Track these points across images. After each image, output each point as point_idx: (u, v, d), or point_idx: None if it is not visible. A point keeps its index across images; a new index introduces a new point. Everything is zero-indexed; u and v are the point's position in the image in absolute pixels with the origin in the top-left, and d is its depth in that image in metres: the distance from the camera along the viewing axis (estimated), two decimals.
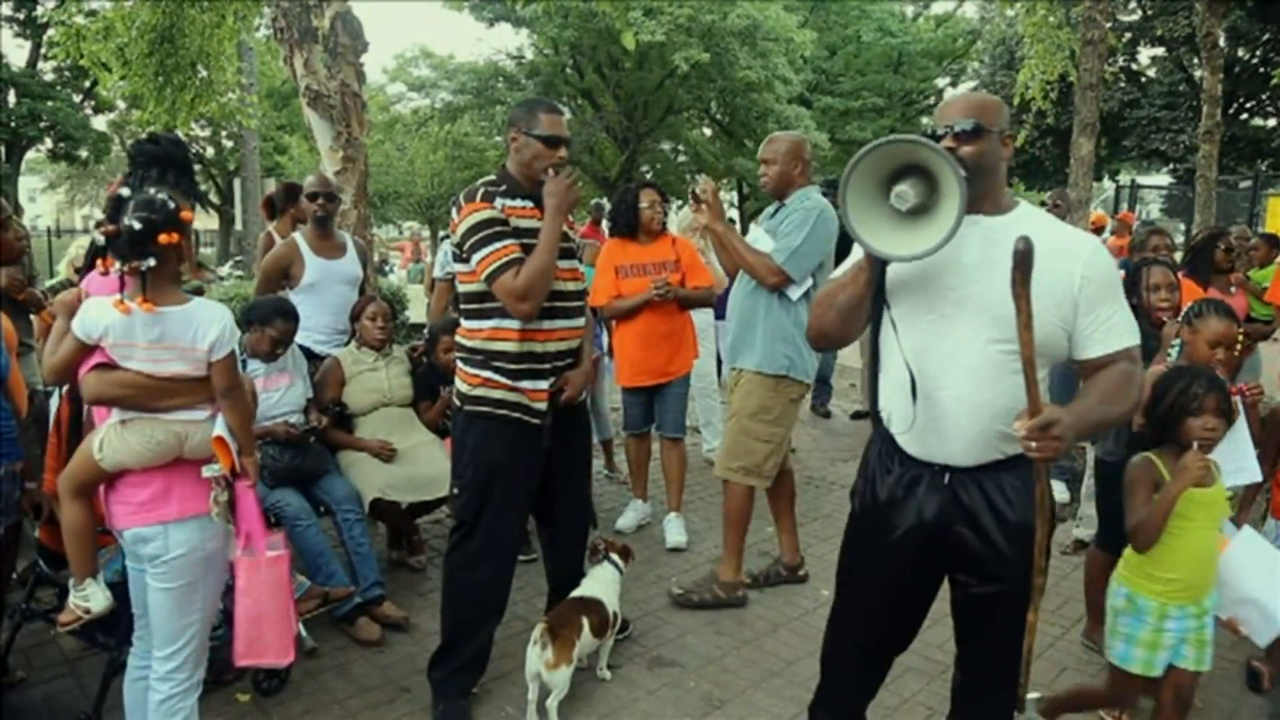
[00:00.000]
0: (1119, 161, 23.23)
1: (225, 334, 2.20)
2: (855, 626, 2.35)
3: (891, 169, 1.85)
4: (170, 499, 2.21)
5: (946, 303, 2.00)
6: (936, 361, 2.02)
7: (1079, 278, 1.95)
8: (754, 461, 3.78)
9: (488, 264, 2.78)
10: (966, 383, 1.99)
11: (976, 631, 2.22)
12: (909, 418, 2.05)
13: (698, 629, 3.70)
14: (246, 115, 11.94)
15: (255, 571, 2.31)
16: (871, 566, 2.26)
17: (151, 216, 2.08)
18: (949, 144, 1.96)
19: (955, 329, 2.00)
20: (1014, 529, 2.04)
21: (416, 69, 23.24)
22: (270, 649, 2.36)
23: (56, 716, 3.00)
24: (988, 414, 1.99)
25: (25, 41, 23.77)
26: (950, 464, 2.08)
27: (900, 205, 1.82)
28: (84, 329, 2.14)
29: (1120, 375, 1.95)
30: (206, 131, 25.81)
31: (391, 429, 4.02)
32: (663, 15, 17.25)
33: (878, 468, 2.22)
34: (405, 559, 4.29)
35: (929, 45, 26.24)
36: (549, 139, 2.88)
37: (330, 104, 5.87)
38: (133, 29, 8.70)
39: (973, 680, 2.27)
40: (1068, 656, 3.56)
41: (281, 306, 3.76)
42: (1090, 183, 8.29)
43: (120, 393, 2.17)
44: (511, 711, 3.08)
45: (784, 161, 3.72)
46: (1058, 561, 4.52)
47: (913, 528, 2.13)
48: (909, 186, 1.82)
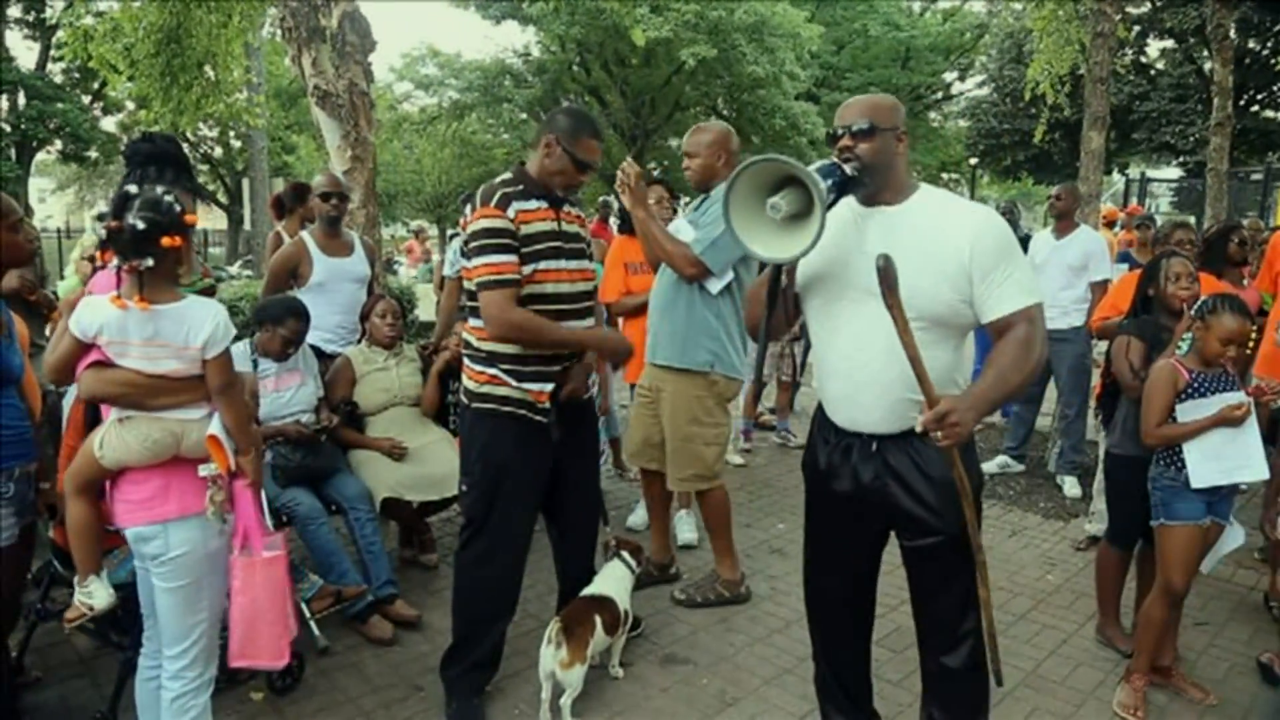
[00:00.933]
0: (1128, 155, 23.11)
1: (218, 332, 2.19)
2: (824, 585, 2.56)
3: (773, 181, 2.02)
4: (169, 497, 2.21)
5: (855, 289, 2.20)
6: (851, 342, 2.24)
7: (968, 250, 2.11)
8: (704, 466, 3.74)
9: (483, 273, 2.79)
10: (879, 360, 2.16)
11: (922, 582, 2.40)
12: (836, 394, 2.32)
13: (709, 626, 3.70)
14: (254, 115, 11.96)
15: (251, 572, 2.29)
16: (822, 530, 2.51)
17: (156, 218, 2.08)
18: (846, 142, 2.19)
19: (864, 312, 2.17)
20: (939, 485, 2.23)
21: (424, 67, 23.25)
22: (265, 651, 2.34)
23: (72, 716, 3.01)
24: (899, 386, 2.16)
25: (34, 44, 23.92)
26: (875, 433, 2.27)
27: (774, 215, 1.99)
28: (80, 327, 2.15)
29: (1016, 343, 2.09)
30: (215, 131, 25.86)
31: (402, 428, 4.02)
32: (670, 11, 17.22)
33: (819, 439, 2.45)
34: (417, 557, 4.29)
35: (936, 40, 26.15)
36: (582, 164, 2.89)
37: (338, 103, 5.89)
38: (139, 29, 8.72)
39: (928, 626, 2.44)
40: (1082, 652, 3.54)
41: (293, 306, 3.76)
42: (1100, 176, 8.23)
43: (115, 390, 2.18)
44: (524, 709, 3.08)
45: (707, 154, 3.66)
46: (1070, 557, 4.51)
47: (851, 491, 2.34)
48: (782, 198, 1.98)
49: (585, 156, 2.89)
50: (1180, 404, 3.03)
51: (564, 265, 2.92)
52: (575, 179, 2.91)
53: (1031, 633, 3.69)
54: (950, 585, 2.32)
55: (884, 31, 24.70)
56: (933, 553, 2.30)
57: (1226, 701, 3.18)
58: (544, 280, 2.86)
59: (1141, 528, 3.30)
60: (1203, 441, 2.99)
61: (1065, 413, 5.60)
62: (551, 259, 2.88)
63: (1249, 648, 3.58)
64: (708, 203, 3.65)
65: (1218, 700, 3.17)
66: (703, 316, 3.61)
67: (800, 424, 7.01)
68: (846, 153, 2.19)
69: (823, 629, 2.61)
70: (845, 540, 2.45)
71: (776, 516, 5.03)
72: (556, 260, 2.89)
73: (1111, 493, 3.56)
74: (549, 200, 2.92)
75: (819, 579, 2.57)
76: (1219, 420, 2.95)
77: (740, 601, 3.92)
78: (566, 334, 2.91)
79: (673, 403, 3.69)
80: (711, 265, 3.52)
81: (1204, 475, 2.99)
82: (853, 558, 2.46)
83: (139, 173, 2.51)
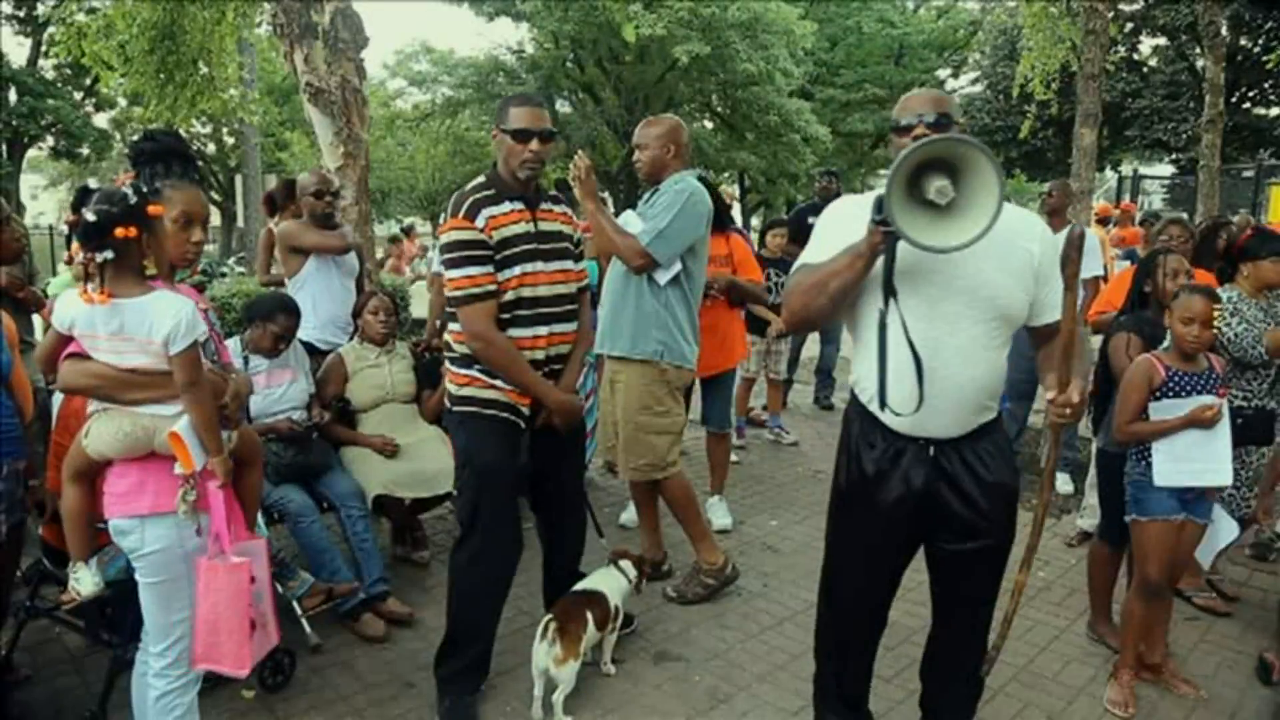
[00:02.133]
0: (1121, 152, 23.17)
1: (181, 327, 2.13)
2: (848, 592, 2.47)
3: (915, 167, 1.89)
4: (145, 493, 2.20)
5: (934, 287, 2.10)
6: (928, 344, 2.10)
7: (1037, 251, 2.15)
8: (657, 455, 3.73)
9: (459, 287, 2.80)
10: (955, 362, 2.10)
11: (954, 588, 2.37)
12: (914, 400, 2.11)
13: (702, 623, 3.70)
14: (248, 112, 11.92)
15: (214, 576, 2.23)
16: (860, 537, 2.38)
17: (109, 209, 2.06)
18: (921, 131, 2.10)
19: (942, 311, 2.11)
20: (990, 488, 2.22)
21: (417, 64, 23.22)
22: (227, 657, 2.27)
23: (62, 714, 3.00)
24: (971, 389, 2.15)
25: (26, 39, 23.80)
26: (934, 437, 2.20)
27: (941, 200, 1.88)
28: (58, 319, 2.17)
29: (1079, 342, 2.11)
30: (208, 129, 25.81)
31: (394, 425, 4.01)
32: (663, 8, 17.19)
33: (860, 444, 2.32)
34: (409, 555, 4.28)
35: (930, 36, 26.20)
36: (516, 132, 2.85)
37: (331, 100, 5.86)
38: (133, 26, 8.67)
39: (947, 636, 2.44)
40: (1073, 649, 3.55)
41: (283, 302, 3.76)
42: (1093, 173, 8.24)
43: (88, 382, 2.18)
44: (517, 706, 3.07)
45: (656, 145, 3.67)
46: (1062, 553, 4.52)
47: (901, 497, 2.24)
48: (946, 182, 1.87)
49: (516, 124, 2.85)
50: (1155, 402, 3.04)
51: (542, 268, 2.91)
52: (523, 152, 2.85)
53: (1023, 629, 3.70)
54: (985, 590, 2.34)
55: (877, 28, 24.74)
56: (976, 557, 2.27)
57: (1215, 697, 3.20)
58: (522, 285, 2.86)
59: None
60: (1172, 441, 3.00)
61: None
62: (528, 261, 2.87)
63: (1239, 644, 3.59)
64: (656, 195, 3.66)
65: (1207, 696, 3.18)
66: (651, 307, 3.61)
67: (791, 420, 7.02)
68: None
69: (843, 635, 2.55)
70: (883, 546, 2.36)
71: (769, 513, 5.03)
72: (533, 263, 2.88)
73: (1104, 490, 3.56)
74: (524, 201, 2.90)
75: (849, 586, 2.47)
76: (1189, 421, 2.96)
77: (729, 582, 3.92)
78: (532, 381, 2.88)
79: (625, 392, 3.70)
80: (658, 256, 3.52)
81: (1168, 475, 3.00)
82: (888, 564, 2.40)
83: (148, 171, 2.51)
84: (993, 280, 2.07)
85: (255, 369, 3.64)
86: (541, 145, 2.87)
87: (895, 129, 2.21)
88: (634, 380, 3.68)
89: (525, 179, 2.90)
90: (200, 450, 2.19)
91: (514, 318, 2.85)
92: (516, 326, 2.87)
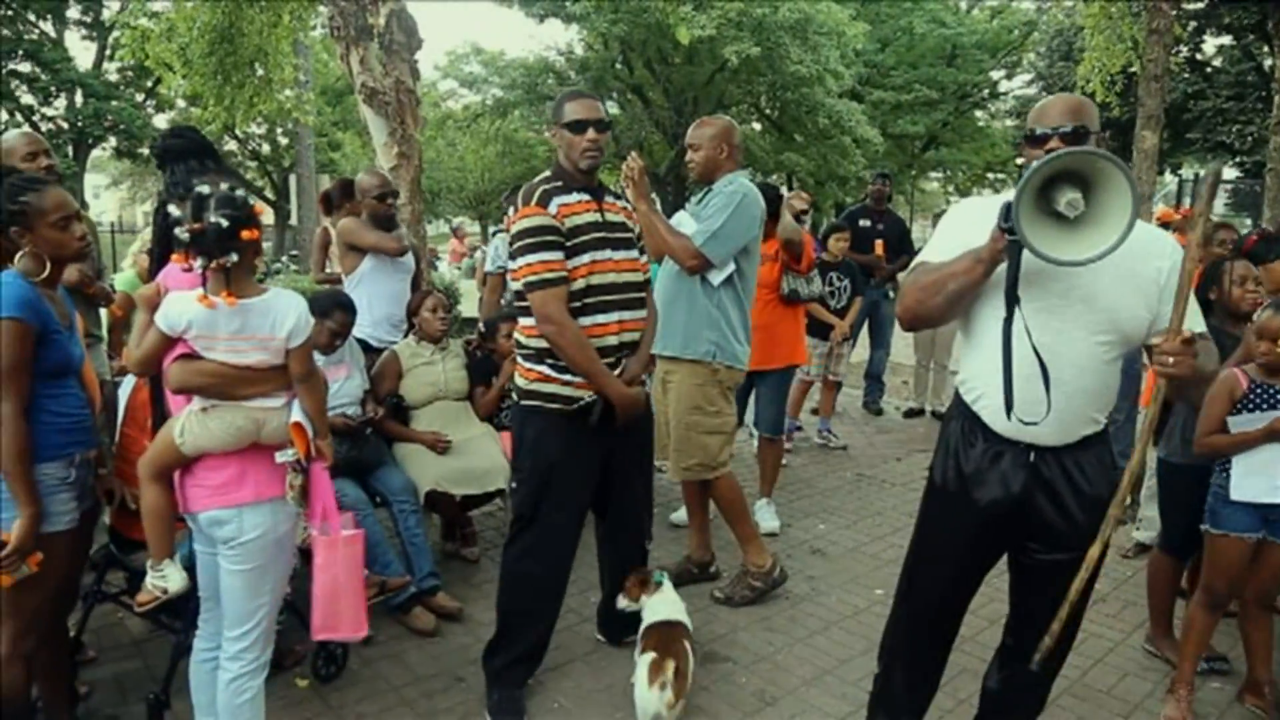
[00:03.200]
0: (1182, 154, 22.60)
1: (301, 322, 2.27)
2: (929, 593, 2.45)
3: (1049, 178, 1.90)
4: (245, 482, 2.28)
5: (1052, 296, 2.09)
6: (1042, 350, 2.10)
7: (1165, 271, 2.08)
8: (708, 455, 3.73)
9: (529, 273, 2.82)
10: (1068, 371, 2.08)
11: (1038, 597, 2.32)
12: (1042, 406, 2.10)
13: (749, 625, 3.69)
14: (303, 112, 12.15)
15: (333, 549, 2.39)
16: (950, 536, 2.37)
17: (236, 214, 2.15)
18: (1054, 144, 2.06)
19: (1059, 322, 2.10)
20: (1088, 501, 2.19)
21: (468, 65, 23.45)
22: (345, 623, 2.45)
23: (126, 695, 3.09)
24: (1081, 400, 2.13)
25: (91, 44, 24.49)
26: (1037, 444, 2.18)
27: (1071, 213, 1.87)
28: (168, 323, 2.21)
29: (1207, 346, 2.06)
30: (262, 129, 26.31)
31: (447, 422, 4.06)
32: (713, 9, 17.17)
33: (960, 443, 2.31)
34: (459, 551, 4.34)
35: (983, 37, 25.81)
36: (573, 124, 2.88)
37: (385, 101, 5.97)
38: (194, 29, 8.90)
39: (1026, 640, 2.35)
40: (1129, 662, 3.48)
41: (340, 299, 3.82)
42: (1153, 177, 8.09)
43: (203, 381, 2.24)
44: (564, 704, 3.10)
45: (710, 146, 3.66)
46: (1119, 565, 4.43)
47: (998, 499, 2.24)
48: (1079, 195, 1.87)
49: (572, 116, 2.88)
50: (1235, 416, 2.95)
51: (610, 255, 2.93)
52: (581, 143, 2.88)
53: (1077, 640, 3.62)
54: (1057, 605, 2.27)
55: (930, 29, 24.43)
56: (1063, 568, 2.21)
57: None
58: (591, 272, 2.88)
59: (1198, 538, 3.20)
60: (1252, 455, 2.92)
61: (1114, 417, 5.46)
62: (597, 249, 2.90)
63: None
64: (709, 195, 3.66)
65: None
66: (704, 307, 3.62)
67: (839, 424, 6.97)
68: None
69: (917, 635, 2.53)
70: (971, 547, 2.35)
71: (817, 517, 5.00)
72: (603, 250, 2.91)
73: (1165, 502, 3.48)
74: (589, 192, 2.94)
75: (932, 585, 2.45)
76: (1268, 433, 2.88)
77: (777, 585, 3.92)
78: (598, 371, 2.88)
79: (677, 392, 3.71)
80: (712, 257, 3.53)
81: (1245, 489, 2.93)
82: (974, 566, 2.39)
83: (181, 168, 2.57)
84: (1112, 294, 2.05)
85: None
86: (598, 134, 2.90)
87: (1029, 138, 2.16)
88: (686, 380, 3.68)
89: (587, 169, 2.93)
90: (312, 435, 2.32)
91: (584, 305, 2.87)
92: (587, 314, 2.88)
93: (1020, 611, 2.43)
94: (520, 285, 2.86)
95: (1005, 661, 2.49)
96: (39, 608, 2.40)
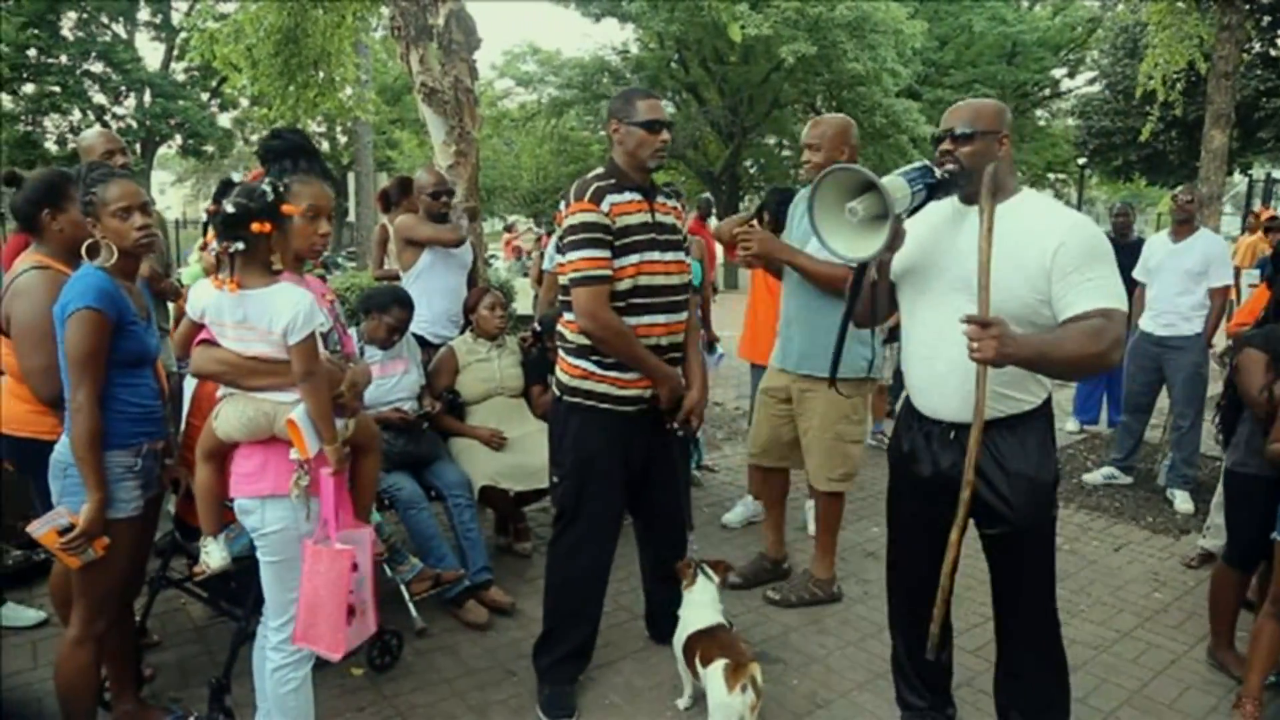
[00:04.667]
0: (1253, 154, 21.86)
1: (299, 319, 2.21)
2: (902, 565, 2.73)
3: (855, 186, 2.20)
4: (266, 474, 2.31)
5: (943, 281, 2.37)
6: (935, 331, 2.39)
7: (1052, 250, 2.21)
8: (853, 465, 3.77)
9: (575, 269, 2.83)
10: (958, 348, 2.13)
11: (997, 570, 2.56)
12: (927, 384, 2.47)
13: (801, 627, 3.67)
14: (364, 110, 12.35)
15: (317, 560, 2.30)
16: (903, 511, 2.68)
17: (247, 204, 2.17)
18: (947, 146, 2.34)
19: (950, 302, 2.31)
20: (1014, 477, 2.37)
21: (524, 64, 23.58)
22: (322, 639, 2.33)
23: (188, 679, 3.18)
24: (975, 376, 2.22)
25: (160, 45, 25.16)
26: (954, 420, 2.41)
27: (851, 218, 2.18)
28: (191, 307, 2.31)
29: (1088, 325, 2.14)
30: (322, 127, 26.79)
31: (502, 418, 4.11)
32: (770, 8, 17.05)
33: (903, 424, 2.63)
34: (511, 545, 4.38)
35: (1045, 35, 25.24)
36: (649, 124, 2.87)
37: (444, 100, 6.03)
38: (260, 30, 9.10)
39: (1001, 620, 2.60)
40: (1192, 675, 3.39)
41: (398, 295, 3.88)
42: (1222, 177, 7.86)
43: (217, 368, 2.31)
44: (616, 700, 3.11)
45: (830, 146, 3.53)
46: (1180, 574, 4.32)
47: (930, 476, 2.49)
48: (860, 203, 2.17)
49: (648, 115, 2.88)
50: None
51: (658, 257, 2.93)
52: (654, 142, 2.88)
53: (1137, 651, 3.55)
54: (1023, 577, 2.50)
55: (989, 26, 23.96)
56: (1006, 542, 2.44)
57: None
58: (639, 272, 2.88)
59: (1264, 550, 3.12)
60: None
61: (1179, 424, 5.35)
62: (646, 250, 2.90)
63: None
64: None
65: None
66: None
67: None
68: (947, 155, 2.34)
69: (901, 609, 2.77)
70: (923, 523, 2.54)
71: (870, 520, 4.95)
72: (651, 251, 2.91)
73: (1231, 513, 3.39)
74: (642, 192, 2.94)
75: (897, 559, 2.74)
76: None
77: (832, 601, 3.90)
78: (645, 357, 2.89)
79: (825, 406, 3.66)
80: None
81: None
82: (929, 540, 2.49)
83: (276, 167, 2.63)
84: (996, 280, 2.14)
85: (370, 360, 3.76)
86: (668, 134, 2.93)
87: (934, 139, 2.43)
88: (835, 394, 3.61)
89: (655, 168, 2.95)
90: (315, 438, 2.28)
91: (629, 305, 2.87)
92: (633, 314, 2.88)
93: (993, 591, 2.60)
94: (566, 280, 2.88)
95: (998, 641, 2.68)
96: (106, 592, 2.47)
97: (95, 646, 2.51)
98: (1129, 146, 20.21)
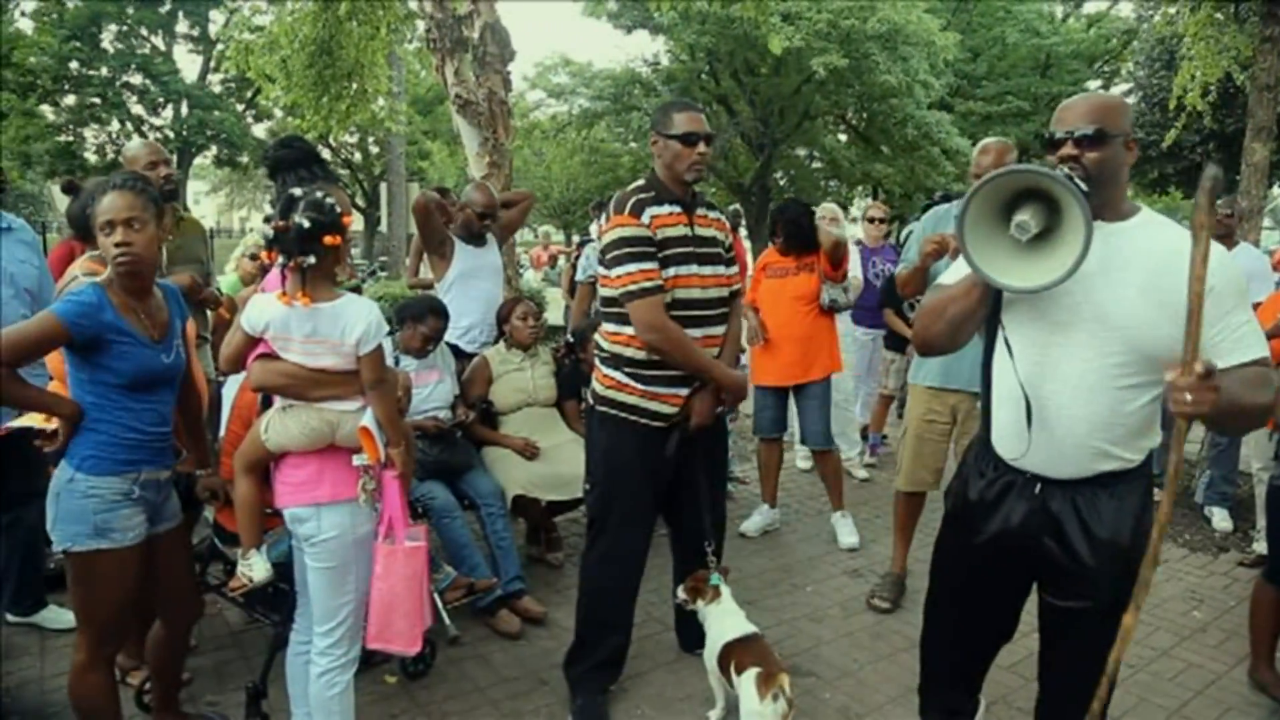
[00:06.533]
0: None
1: (371, 330, 2.29)
2: (944, 617, 2.38)
3: (1010, 195, 1.82)
4: (323, 482, 2.34)
5: (1061, 309, 1.94)
6: (1050, 373, 1.97)
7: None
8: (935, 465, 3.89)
9: (626, 283, 2.82)
10: (1068, 393, 1.94)
11: (1055, 644, 2.20)
12: (1024, 441, 1.99)
13: (833, 640, 3.65)
14: (396, 121, 12.47)
15: (393, 560, 2.36)
16: (958, 563, 2.28)
17: (320, 217, 2.21)
18: (1069, 150, 1.92)
19: (1064, 339, 1.95)
20: (1101, 545, 2.00)
21: (556, 76, 23.72)
22: (399, 637, 2.39)
23: (224, 684, 3.21)
24: (1084, 427, 1.95)
25: (198, 57, 25.61)
26: (1042, 474, 2.04)
27: (1021, 236, 1.78)
28: (249, 322, 2.31)
29: (1256, 373, 1.82)
30: (354, 138, 27.10)
31: (535, 428, 4.12)
32: (802, 21, 17.06)
33: (973, 470, 2.21)
34: (543, 556, 4.38)
35: (1079, 47, 25.01)
36: (684, 136, 2.87)
37: (478, 111, 6.09)
38: (294, 42, 9.23)
39: (1048, 693, 2.25)
40: (1232, 695, 3.32)
41: (433, 304, 3.91)
42: (1263, 191, 7.73)
43: (280, 381, 2.33)
44: (647, 711, 3.10)
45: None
46: (1220, 594, 4.25)
47: (998, 533, 2.12)
48: (1029, 216, 1.77)
49: (684, 128, 2.87)
50: None
51: (697, 271, 2.92)
52: (691, 155, 2.87)
53: (1175, 670, 3.50)
54: (1084, 657, 2.07)
55: (1023, 38, 23.78)
56: (1076, 619, 2.08)
57: None
58: (676, 286, 2.87)
59: None
60: None
61: (1217, 441, 5.26)
62: (684, 264, 2.89)
63: None
64: None
65: None
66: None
67: None
68: (1070, 162, 1.91)
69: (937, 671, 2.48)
70: (977, 581, 2.23)
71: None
72: (689, 265, 2.90)
73: (1273, 529, 3.33)
74: (681, 205, 2.93)
75: (945, 616, 2.37)
76: None
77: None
78: (704, 360, 2.90)
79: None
80: None
81: None
82: (983, 600, 2.25)
83: (291, 176, 2.66)
84: (1130, 311, 1.85)
85: (404, 369, 3.79)
86: (707, 148, 2.90)
87: (1048, 141, 2.00)
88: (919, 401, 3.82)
89: (692, 181, 2.94)
90: (382, 442, 2.33)
91: (671, 319, 2.86)
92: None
93: (1043, 659, 2.27)
94: (618, 293, 2.86)
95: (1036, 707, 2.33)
96: (108, 619, 2.41)
97: (106, 667, 2.49)
98: (1166, 159, 19.97)
